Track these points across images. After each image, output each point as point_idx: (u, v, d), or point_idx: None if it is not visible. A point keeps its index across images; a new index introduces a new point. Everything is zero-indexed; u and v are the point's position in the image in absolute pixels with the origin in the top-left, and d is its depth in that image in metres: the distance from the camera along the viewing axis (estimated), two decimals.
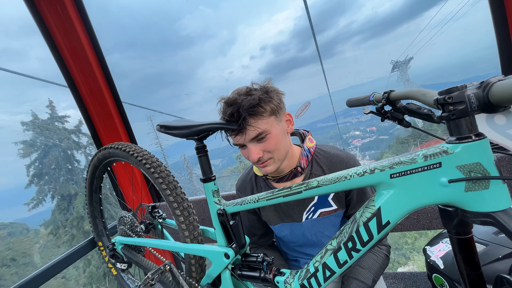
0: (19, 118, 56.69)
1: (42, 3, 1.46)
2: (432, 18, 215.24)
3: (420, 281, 1.30)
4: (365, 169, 0.57)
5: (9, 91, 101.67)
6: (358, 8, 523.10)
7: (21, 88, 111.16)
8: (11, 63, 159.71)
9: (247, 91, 0.83)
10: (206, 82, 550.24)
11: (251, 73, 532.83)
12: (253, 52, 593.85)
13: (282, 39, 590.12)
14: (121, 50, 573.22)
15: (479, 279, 0.54)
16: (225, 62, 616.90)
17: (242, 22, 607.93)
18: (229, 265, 0.86)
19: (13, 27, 24.71)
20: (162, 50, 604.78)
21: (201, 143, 0.85)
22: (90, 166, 1.29)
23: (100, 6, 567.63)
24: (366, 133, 51.37)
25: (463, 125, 0.45)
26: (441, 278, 0.91)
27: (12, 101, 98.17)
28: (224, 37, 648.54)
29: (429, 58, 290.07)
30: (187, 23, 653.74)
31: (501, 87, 0.40)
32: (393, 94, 0.70)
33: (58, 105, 21.26)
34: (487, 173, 0.44)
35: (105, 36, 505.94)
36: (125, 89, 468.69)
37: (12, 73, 12.86)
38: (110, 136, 1.77)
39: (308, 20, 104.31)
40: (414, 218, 1.30)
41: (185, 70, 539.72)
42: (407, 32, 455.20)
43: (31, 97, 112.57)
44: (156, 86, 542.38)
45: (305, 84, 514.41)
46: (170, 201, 0.94)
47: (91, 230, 1.48)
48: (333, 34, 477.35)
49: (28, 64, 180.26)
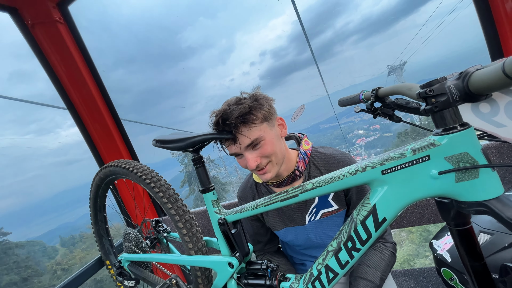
0: (27, 138, 57.47)
1: (37, 31, 1.51)
2: (433, 11, 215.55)
3: (431, 277, 1.27)
4: (357, 168, 0.57)
5: (16, 113, 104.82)
6: (354, 8, 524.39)
7: (28, 109, 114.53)
8: (20, 85, 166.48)
9: (237, 101, 0.84)
10: (207, 91, 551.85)
11: (252, 79, 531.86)
12: (253, 58, 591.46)
13: (281, 43, 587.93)
14: (123, 65, 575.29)
15: (484, 269, 0.53)
16: (225, 70, 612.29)
17: (239, 30, 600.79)
18: (234, 274, 0.86)
19: (23, 50, 25.90)
20: (163, 63, 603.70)
21: (197, 155, 0.86)
22: (92, 186, 1.31)
23: (101, 24, 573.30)
24: (370, 132, 51.09)
25: (447, 117, 0.45)
26: (449, 271, 0.90)
27: (19, 122, 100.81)
28: (223, 46, 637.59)
29: (429, 51, 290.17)
30: (189, 35, 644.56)
31: (480, 76, 0.41)
32: (381, 90, 0.71)
33: (64, 123, 21.49)
34: (475, 162, 0.44)
35: (107, 53, 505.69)
36: (127, 104, 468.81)
37: (14, 100, 13.26)
38: (111, 154, 1.79)
39: (305, 23, 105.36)
40: (419, 213, 1.28)
41: (187, 80, 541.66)
42: (403, 28, 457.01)
43: (38, 117, 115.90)
44: (158, 98, 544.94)
45: (306, 86, 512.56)
46: (172, 214, 0.94)
47: (98, 250, 1.48)
48: (330, 35, 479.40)
49: (36, 85, 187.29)
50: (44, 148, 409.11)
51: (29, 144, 44.15)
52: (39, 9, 1.46)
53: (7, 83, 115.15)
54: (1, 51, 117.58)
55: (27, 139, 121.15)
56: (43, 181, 41.23)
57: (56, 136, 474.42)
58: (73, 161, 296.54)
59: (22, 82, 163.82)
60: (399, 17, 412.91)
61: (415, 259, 15.98)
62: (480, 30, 1.16)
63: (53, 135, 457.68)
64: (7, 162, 74.18)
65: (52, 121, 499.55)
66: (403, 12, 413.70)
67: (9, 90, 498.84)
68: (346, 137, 53.29)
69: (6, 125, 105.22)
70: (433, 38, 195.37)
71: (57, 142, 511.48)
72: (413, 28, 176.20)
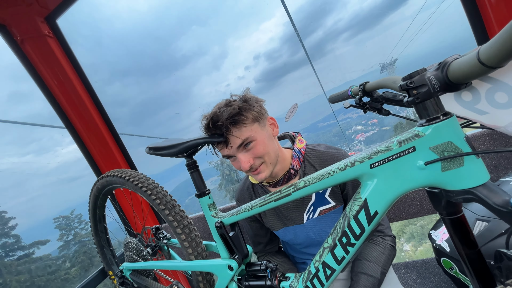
0: (26, 159, 57.05)
1: (27, 46, 1.51)
2: (423, 5, 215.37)
3: (433, 268, 1.28)
4: (346, 163, 0.57)
5: (15, 134, 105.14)
6: (344, 6, 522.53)
7: (27, 129, 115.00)
8: (19, 105, 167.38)
9: (226, 103, 0.85)
10: (204, 98, 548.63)
11: (247, 83, 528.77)
12: (247, 62, 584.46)
13: (274, 45, 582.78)
14: (119, 79, 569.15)
15: (478, 257, 0.53)
16: (219, 76, 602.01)
17: (230, 36, 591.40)
18: (235, 277, 0.86)
19: (23, 71, 25.92)
20: (158, 73, 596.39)
21: (191, 159, 0.87)
22: (91, 197, 1.31)
23: (94, 39, 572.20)
24: (368, 127, 51.08)
25: (429, 107, 0.46)
26: (449, 261, 0.90)
27: (19, 144, 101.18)
28: (216, 52, 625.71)
29: (419, 44, 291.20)
30: (183, 44, 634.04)
31: (458, 65, 0.41)
32: (368, 85, 0.71)
33: (63, 140, 21.67)
34: (460, 151, 0.45)
35: (102, 67, 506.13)
36: (125, 117, 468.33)
37: (12, 123, 13.25)
38: (109, 166, 1.79)
39: (295, 25, 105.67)
40: (417, 204, 1.29)
41: (183, 89, 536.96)
42: (392, 22, 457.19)
43: (37, 137, 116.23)
44: (155, 109, 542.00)
45: (301, 85, 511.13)
46: (170, 221, 0.95)
47: (100, 260, 1.48)
48: (322, 34, 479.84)
49: (35, 104, 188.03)
50: (44, 168, 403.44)
51: (29, 165, 43.33)
52: (28, 25, 1.47)
53: (6, 105, 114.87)
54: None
55: (27, 159, 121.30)
56: (46, 201, 39.95)
57: (56, 153, 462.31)
58: (75, 178, 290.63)
59: (21, 103, 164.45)
60: (388, 11, 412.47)
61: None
62: (466, 19, 1.17)
63: (53, 153, 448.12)
64: (8, 185, 72.39)
65: (51, 139, 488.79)
66: (391, 6, 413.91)
67: (8, 112, 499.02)
68: (345, 134, 53.29)
69: (6, 147, 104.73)
70: (425, 30, 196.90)
71: (58, 160, 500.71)
72: (402, 21, 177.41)
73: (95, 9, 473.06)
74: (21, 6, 1.42)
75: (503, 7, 1.00)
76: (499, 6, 1.01)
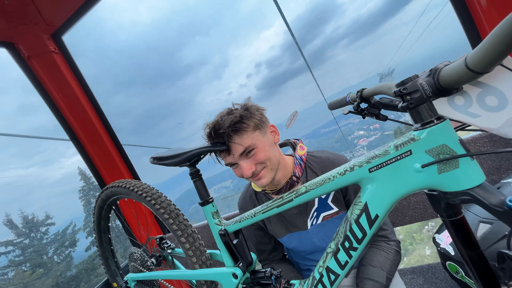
0: (31, 171, 56.36)
1: (33, 62, 1.56)
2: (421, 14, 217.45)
3: (439, 272, 1.26)
4: (346, 168, 0.59)
5: (20, 147, 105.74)
6: (342, 13, 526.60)
7: (32, 141, 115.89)
8: (27, 117, 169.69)
9: (228, 112, 0.87)
10: (206, 107, 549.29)
11: (248, 91, 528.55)
12: (248, 70, 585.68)
13: (275, 53, 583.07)
14: (123, 90, 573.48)
15: (480, 258, 0.53)
16: (221, 84, 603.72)
17: (231, 45, 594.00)
18: (240, 285, 0.86)
19: (31, 85, 26.29)
20: (161, 83, 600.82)
21: (194, 168, 0.88)
22: (95, 208, 1.32)
23: (99, 52, 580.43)
24: (370, 131, 50.91)
25: (423, 112, 0.48)
26: (454, 265, 0.89)
27: (23, 156, 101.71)
28: (217, 62, 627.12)
29: (417, 50, 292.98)
30: (186, 54, 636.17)
31: (448, 71, 0.43)
32: (365, 91, 0.73)
33: (67, 151, 21.59)
34: (454, 153, 0.46)
35: (106, 79, 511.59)
36: (128, 127, 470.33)
37: (17, 136, 13.31)
38: (113, 177, 1.81)
39: (294, 33, 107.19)
40: (420, 208, 1.28)
41: (185, 99, 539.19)
42: (390, 28, 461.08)
43: (42, 149, 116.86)
44: (158, 119, 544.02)
45: (302, 92, 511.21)
46: (174, 230, 0.95)
47: (105, 272, 1.48)
48: (320, 41, 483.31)
49: (40, 117, 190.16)
50: (48, 179, 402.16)
51: (34, 177, 42.61)
52: (34, 42, 1.52)
53: (14, 116, 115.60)
54: (10, 86, 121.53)
55: (31, 171, 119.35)
56: (50, 212, 40.19)
57: (61, 165, 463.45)
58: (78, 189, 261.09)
59: (28, 115, 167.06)
60: (386, 17, 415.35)
61: None
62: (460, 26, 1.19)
63: (57, 164, 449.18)
64: (12, 198, 70.50)
65: (55, 151, 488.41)
66: (389, 13, 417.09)
67: (16, 123, 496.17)
68: (347, 139, 53.14)
69: (11, 159, 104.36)
70: (421, 38, 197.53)
71: (62, 171, 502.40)
72: (400, 26, 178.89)
73: (100, 23, 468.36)
74: (28, 24, 1.47)
75: (494, 12, 1.02)
76: (490, 11, 1.03)
